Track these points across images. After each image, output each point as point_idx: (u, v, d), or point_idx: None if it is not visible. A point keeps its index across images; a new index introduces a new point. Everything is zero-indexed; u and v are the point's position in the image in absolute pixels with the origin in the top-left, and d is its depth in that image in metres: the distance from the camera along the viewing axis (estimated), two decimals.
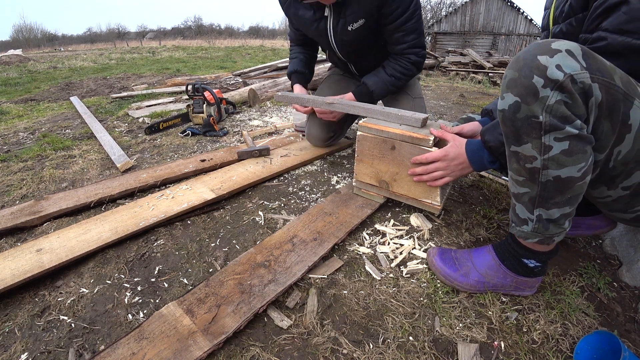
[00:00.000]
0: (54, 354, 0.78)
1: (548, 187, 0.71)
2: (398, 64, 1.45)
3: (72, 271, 1.01)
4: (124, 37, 59.91)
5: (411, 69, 1.46)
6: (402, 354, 0.77)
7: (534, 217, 0.77)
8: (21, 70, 7.13)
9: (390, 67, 1.47)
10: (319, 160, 1.77)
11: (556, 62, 0.63)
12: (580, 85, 0.62)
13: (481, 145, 0.96)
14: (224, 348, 0.77)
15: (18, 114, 3.20)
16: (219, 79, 4.30)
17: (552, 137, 0.66)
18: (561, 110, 0.64)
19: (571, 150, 0.66)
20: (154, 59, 9.53)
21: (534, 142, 0.68)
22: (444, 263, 0.96)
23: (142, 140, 2.15)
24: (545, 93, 0.64)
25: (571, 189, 0.70)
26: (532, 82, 0.65)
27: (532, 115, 0.66)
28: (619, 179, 0.74)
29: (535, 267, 0.87)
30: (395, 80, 1.47)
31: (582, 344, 0.78)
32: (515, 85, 0.68)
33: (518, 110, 0.68)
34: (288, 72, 1.72)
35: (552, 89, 0.63)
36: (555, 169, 0.69)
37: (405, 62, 1.44)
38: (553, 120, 0.65)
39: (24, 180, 1.62)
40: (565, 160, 0.67)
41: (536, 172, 0.71)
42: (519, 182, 0.76)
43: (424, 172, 1.07)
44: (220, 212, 1.31)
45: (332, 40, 1.49)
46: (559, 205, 0.73)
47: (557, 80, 0.62)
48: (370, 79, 1.48)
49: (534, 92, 0.65)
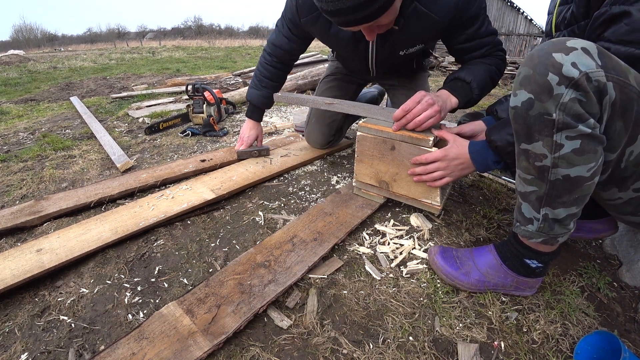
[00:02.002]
0: (54, 354, 0.78)
1: (557, 186, 0.71)
2: (487, 59, 1.19)
3: (72, 271, 1.01)
4: (124, 37, 59.94)
5: (502, 65, 1.20)
6: (402, 354, 0.77)
7: (539, 217, 0.76)
8: (21, 70, 7.13)
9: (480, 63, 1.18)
10: (319, 160, 1.77)
11: (572, 59, 0.62)
12: (595, 83, 0.61)
13: (485, 145, 0.96)
14: (224, 348, 0.77)
15: (18, 114, 3.19)
16: (219, 79, 4.30)
17: (564, 135, 0.65)
18: (575, 108, 0.63)
19: (582, 150, 0.65)
20: (154, 59, 9.52)
21: (545, 140, 0.68)
22: (445, 262, 0.96)
23: (142, 141, 2.15)
24: (560, 91, 0.63)
25: (580, 188, 0.70)
26: (547, 79, 0.64)
27: (545, 113, 0.65)
28: (631, 180, 0.73)
29: (536, 267, 0.87)
30: (494, 69, 1.18)
31: (582, 344, 0.78)
32: (530, 82, 0.67)
33: (531, 107, 0.67)
34: (253, 95, 1.55)
35: (567, 87, 0.62)
36: (565, 168, 0.68)
37: (493, 58, 1.20)
38: (566, 118, 0.64)
39: (24, 180, 1.62)
40: (576, 159, 0.66)
41: (545, 170, 0.70)
42: (527, 180, 0.76)
43: (424, 172, 1.07)
44: (220, 212, 1.31)
45: (371, 63, 1.33)
46: (566, 205, 0.72)
47: (573, 77, 0.61)
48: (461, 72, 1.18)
49: (548, 90, 0.64)
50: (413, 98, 1.05)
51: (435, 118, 1.04)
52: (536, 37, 12.94)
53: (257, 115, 1.64)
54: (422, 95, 1.05)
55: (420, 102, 1.04)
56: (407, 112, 1.05)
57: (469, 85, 1.14)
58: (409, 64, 1.54)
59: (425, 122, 1.04)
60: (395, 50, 1.25)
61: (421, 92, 1.06)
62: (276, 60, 1.50)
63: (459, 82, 1.15)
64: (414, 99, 1.05)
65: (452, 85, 1.15)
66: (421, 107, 1.03)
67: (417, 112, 1.04)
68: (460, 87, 1.14)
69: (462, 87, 1.14)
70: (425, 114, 1.03)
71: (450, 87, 1.15)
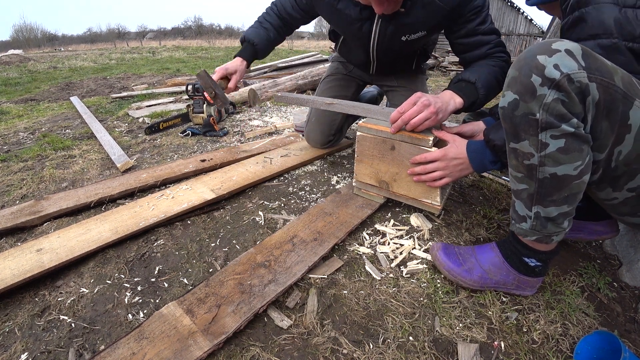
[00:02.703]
0: (54, 354, 0.78)
1: (545, 184, 0.72)
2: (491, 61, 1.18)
3: (72, 271, 1.01)
4: (124, 37, 59.93)
5: (506, 68, 1.18)
6: (402, 354, 0.77)
7: (532, 214, 0.77)
8: (21, 70, 7.13)
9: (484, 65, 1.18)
10: (319, 160, 1.77)
11: (554, 61, 0.64)
12: (577, 84, 0.63)
13: (483, 145, 0.96)
14: (224, 348, 0.77)
15: (18, 113, 3.20)
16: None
17: (549, 134, 0.67)
18: (557, 108, 0.65)
19: (567, 148, 0.67)
20: (154, 59, 9.53)
21: (531, 139, 0.70)
22: (448, 258, 0.96)
23: (142, 140, 2.15)
24: (543, 91, 0.65)
25: (568, 187, 0.71)
26: (531, 80, 0.66)
27: (530, 113, 0.68)
28: (623, 180, 0.74)
29: (535, 266, 0.87)
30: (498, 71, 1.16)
31: (582, 344, 0.78)
32: (515, 83, 0.69)
33: (516, 107, 0.70)
34: (244, 37, 1.45)
35: (550, 88, 0.64)
36: (551, 166, 0.70)
37: (497, 59, 1.19)
38: (549, 118, 0.66)
39: (24, 180, 1.62)
40: (562, 157, 0.68)
41: (533, 168, 0.72)
42: (518, 178, 0.78)
43: (423, 172, 1.07)
44: (220, 212, 1.31)
45: (372, 46, 1.32)
46: (557, 203, 0.73)
47: (554, 79, 0.64)
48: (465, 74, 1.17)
49: (532, 91, 0.66)
50: (409, 100, 1.05)
51: (432, 120, 1.04)
52: (536, 37, 12.94)
53: (245, 54, 1.45)
54: (417, 97, 1.04)
55: (416, 103, 1.04)
56: (403, 114, 1.05)
57: (474, 85, 1.12)
58: (408, 63, 1.54)
59: (421, 125, 1.04)
60: (397, 34, 1.24)
61: (417, 94, 1.05)
62: (278, 15, 1.49)
63: (462, 82, 1.15)
64: (410, 100, 1.05)
65: (457, 86, 1.15)
66: (417, 109, 1.03)
67: (412, 113, 1.03)
68: (464, 87, 1.13)
69: (466, 87, 1.13)
70: (420, 116, 1.03)
71: (454, 88, 1.14)
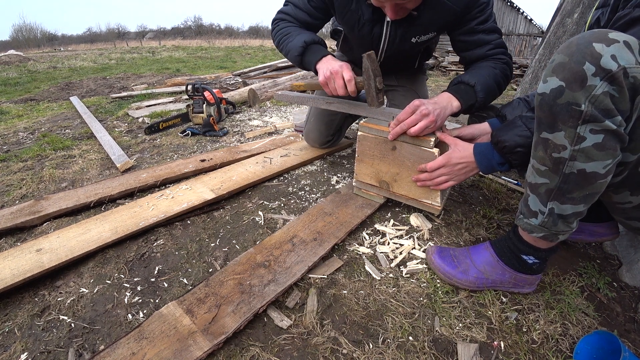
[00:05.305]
0: (53, 353, 0.78)
1: (570, 179, 0.70)
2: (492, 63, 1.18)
3: (72, 271, 1.01)
4: (124, 37, 59.86)
5: (507, 70, 1.18)
6: (402, 354, 0.77)
7: (545, 210, 0.76)
8: (21, 70, 7.13)
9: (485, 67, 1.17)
10: (319, 160, 1.77)
11: (612, 51, 0.59)
12: (632, 79, 0.59)
13: (490, 147, 0.96)
14: (224, 348, 0.77)
15: (18, 113, 3.20)
16: (219, 79, 4.30)
17: (589, 128, 0.63)
18: (605, 102, 0.61)
19: (603, 145, 0.64)
20: (154, 58, 9.53)
21: (568, 130, 0.66)
22: (443, 260, 0.96)
23: (142, 140, 2.15)
24: (594, 82, 0.60)
25: (592, 185, 0.69)
26: (583, 68, 0.61)
27: (574, 103, 0.63)
28: None
29: (533, 263, 0.87)
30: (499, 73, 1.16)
31: (582, 344, 0.78)
32: (563, 69, 0.64)
33: (560, 95, 0.65)
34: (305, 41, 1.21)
35: (602, 79, 0.60)
36: (582, 162, 0.67)
37: (497, 62, 1.18)
38: (594, 111, 0.62)
39: (23, 180, 1.62)
40: (595, 154, 0.65)
41: (562, 162, 0.69)
42: (539, 171, 0.75)
43: (428, 179, 1.07)
44: (220, 212, 1.31)
45: (382, 48, 1.30)
46: (575, 201, 0.72)
47: (610, 70, 0.59)
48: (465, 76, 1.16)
49: (581, 79, 0.62)
50: (407, 108, 1.05)
51: (430, 128, 1.04)
52: (536, 37, 12.92)
53: (324, 50, 1.24)
54: (416, 106, 1.04)
55: (415, 112, 1.04)
56: (402, 122, 1.05)
57: (473, 89, 1.12)
58: (410, 62, 1.54)
59: (420, 134, 1.05)
60: (407, 36, 1.23)
61: (416, 102, 1.05)
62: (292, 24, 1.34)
63: (462, 85, 1.14)
64: (408, 109, 1.05)
65: (455, 88, 1.14)
66: (415, 118, 1.03)
67: (411, 122, 1.04)
68: (463, 90, 1.13)
69: (465, 90, 1.13)
70: (419, 126, 1.03)
71: (453, 90, 1.14)
